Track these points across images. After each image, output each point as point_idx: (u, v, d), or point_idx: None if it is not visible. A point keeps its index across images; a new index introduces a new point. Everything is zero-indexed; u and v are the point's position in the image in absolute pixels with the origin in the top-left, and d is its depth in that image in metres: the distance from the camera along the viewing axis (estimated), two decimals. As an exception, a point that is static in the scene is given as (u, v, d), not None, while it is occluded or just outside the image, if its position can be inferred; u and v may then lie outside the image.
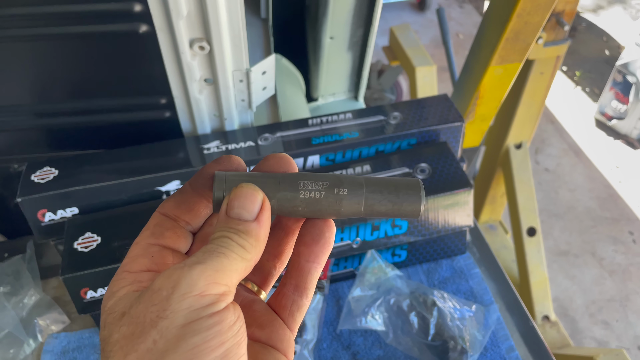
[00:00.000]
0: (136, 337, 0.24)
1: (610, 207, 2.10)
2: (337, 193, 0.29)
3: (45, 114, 0.74)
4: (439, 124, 0.78)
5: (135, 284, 0.28)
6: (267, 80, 0.76)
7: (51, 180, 0.71)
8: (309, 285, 0.31)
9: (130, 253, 0.30)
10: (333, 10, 0.97)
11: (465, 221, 0.75)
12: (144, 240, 0.30)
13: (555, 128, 2.44)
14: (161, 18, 0.60)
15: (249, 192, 0.28)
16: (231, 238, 0.27)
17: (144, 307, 0.24)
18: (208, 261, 0.25)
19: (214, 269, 0.25)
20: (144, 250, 0.30)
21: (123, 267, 0.29)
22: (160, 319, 0.23)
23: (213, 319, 0.24)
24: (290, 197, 0.29)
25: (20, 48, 0.64)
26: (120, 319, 0.25)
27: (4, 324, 0.73)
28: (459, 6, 3.31)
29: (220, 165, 0.31)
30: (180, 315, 0.23)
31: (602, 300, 1.81)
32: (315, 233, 0.31)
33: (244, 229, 0.27)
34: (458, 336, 0.68)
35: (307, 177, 0.30)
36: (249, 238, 0.27)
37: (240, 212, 0.27)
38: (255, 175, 0.30)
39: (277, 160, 0.31)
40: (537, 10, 0.78)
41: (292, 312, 0.31)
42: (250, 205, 0.28)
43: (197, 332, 0.24)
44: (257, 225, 0.27)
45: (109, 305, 0.27)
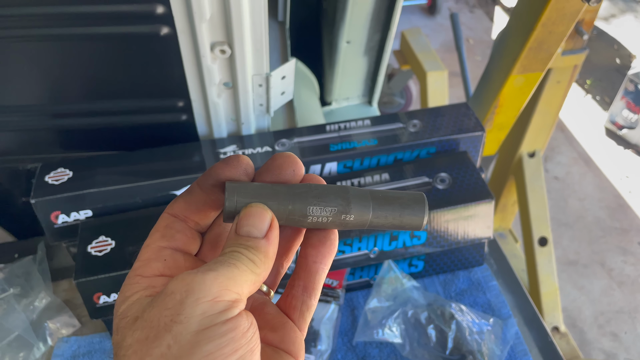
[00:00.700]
0: (150, 342, 0.24)
1: (620, 217, 2.09)
2: (344, 219, 0.30)
3: (60, 114, 0.73)
4: (459, 133, 0.76)
5: (149, 289, 0.28)
6: (286, 85, 0.75)
7: (65, 182, 0.70)
8: (317, 286, 0.32)
9: (142, 256, 0.30)
10: (351, 14, 0.96)
11: (484, 233, 0.73)
12: (154, 243, 0.30)
13: (565, 136, 2.43)
14: (183, 20, 0.59)
15: (258, 211, 0.29)
16: (241, 252, 0.27)
17: (157, 311, 0.24)
18: (220, 269, 0.25)
19: (227, 276, 0.25)
20: (156, 253, 0.30)
21: (135, 271, 0.29)
22: (174, 323, 0.24)
23: (227, 326, 0.24)
24: (297, 221, 0.30)
25: (39, 48, 0.63)
26: (134, 324, 0.25)
27: (14, 326, 0.72)
28: (469, 11, 3.30)
29: (228, 165, 0.31)
30: (194, 320, 0.24)
31: (611, 311, 1.79)
32: (321, 235, 0.31)
33: (254, 244, 0.28)
34: (477, 351, 0.67)
35: (317, 200, 0.30)
36: (258, 254, 0.27)
37: (250, 230, 0.28)
38: (265, 190, 0.30)
39: (284, 160, 0.31)
40: (562, 19, 0.77)
41: (303, 313, 0.32)
42: (260, 223, 0.28)
43: (211, 338, 0.24)
44: (266, 242, 0.28)
45: (121, 309, 0.27)
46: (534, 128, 1.28)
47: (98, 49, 0.65)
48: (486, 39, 3.05)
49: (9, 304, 0.74)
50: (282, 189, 0.30)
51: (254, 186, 0.30)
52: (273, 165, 0.31)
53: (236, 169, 0.31)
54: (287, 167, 0.31)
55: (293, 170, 0.31)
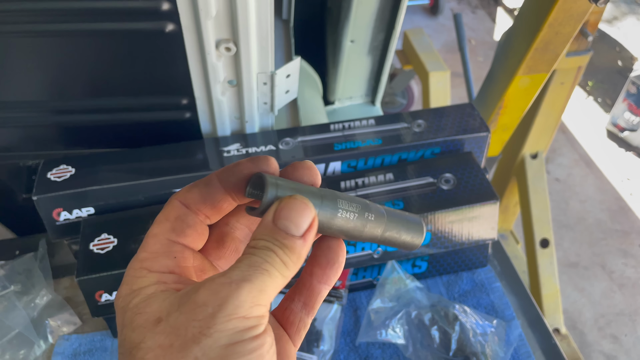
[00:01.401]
0: (176, 351, 0.23)
1: (621, 219, 2.08)
2: (367, 217, 0.30)
3: (63, 111, 0.73)
4: (463, 133, 0.76)
5: (162, 284, 0.27)
6: (290, 83, 0.74)
7: (68, 179, 0.69)
8: (316, 305, 0.31)
9: (149, 247, 0.28)
10: (355, 13, 0.96)
11: (489, 234, 0.73)
12: (163, 234, 0.29)
13: (567, 138, 2.42)
14: (189, 17, 0.59)
15: (302, 206, 0.27)
16: (276, 252, 0.26)
17: (185, 319, 0.23)
18: (254, 279, 0.24)
19: (259, 289, 0.24)
20: (165, 247, 0.28)
21: (141, 263, 0.27)
22: (204, 336, 0.23)
23: (255, 343, 0.24)
24: (330, 216, 0.29)
25: (42, 43, 0.63)
26: (156, 325, 0.24)
27: (14, 323, 0.71)
28: (471, 12, 3.29)
29: (255, 165, 0.29)
30: (224, 335, 0.23)
31: (611, 313, 1.79)
32: (330, 256, 0.30)
33: (290, 244, 0.26)
34: (480, 352, 0.66)
35: (343, 196, 0.30)
36: (292, 255, 0.26)
37: (289, 226, 0.26)
38: (300, 187, 0.29)
39: (306, 171, 0.30)
40: (569, 20, 0.76)
41: (299, 330, 0.31)
42: (301, 220, 0.26)
43: (240, 354, 0.23)
44: (303, 243, 0.26)
45: (134, 302, 0.26)
46: (537, 129, 1.28)
47: (102, 45, 0.64)
48: (488, 39, 3.05)
49: (9, 301, 0.73)
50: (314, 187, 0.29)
51: (291, 182, 0.29)
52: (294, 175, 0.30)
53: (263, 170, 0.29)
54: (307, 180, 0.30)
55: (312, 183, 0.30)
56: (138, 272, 0.27)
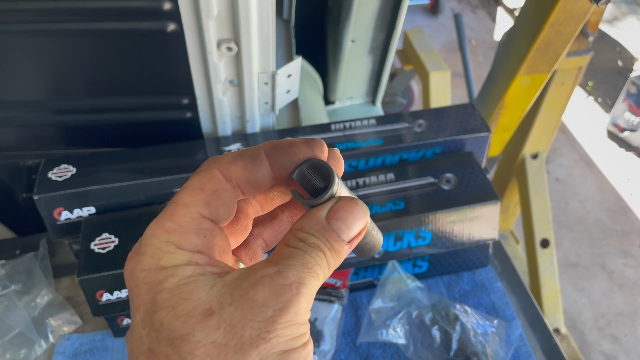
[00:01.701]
0: (232, 352, 0.22)
1: (620, 219, 2.08)
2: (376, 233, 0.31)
3: (64, 110, 0.73)
4: (464, 133, 0.76)
5: (195, 266, 0.24)
6: (291, 83, 0.74)
7: (69, 179, 0.69)
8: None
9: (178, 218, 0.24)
10: (356, 13, 0.96)
11: (490, 234, 0.73)
12: (195, 206, 0.25)
13: (567, 138, 2.42)
14: (190, 17, 0.59)
15: (360, 212, 0.26)
16: (325, 254, 0.25)
17: (243, 317, 0.22)
18: (309, 283, 0.24)
19: (312, 294, 0.24)
20: (195, 223, 0.25)
21: (168, 235, 0.24)
22: (262, 340, 0.22)
23: (306, 350, 0.24)
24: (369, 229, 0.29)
25: (44, 43, 0.63)
26: (208, 317, 0.22)
27: (15, 323, 0.71)
28: (471, 12, 3.29)
29: (311, 148, 0.26)
30: (282, 341, 0.23)
31: (611, 314, 1.79)
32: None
33: (338, 248, 0.25)
34: (481, 352, 0.67)
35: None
36: (336, 259, 0.25)
37: (342, 228, 0.25)
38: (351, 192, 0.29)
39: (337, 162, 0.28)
40: (570, 21, 0.76)
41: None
42: (355, 225, 0.26)
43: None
44: (348, 249, 0.26)
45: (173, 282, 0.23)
46: (537, 129, 1.28)
47: (103, 44, 0.64)
48: (488, 39, 3.05)
49: (10, 301, 0.73)
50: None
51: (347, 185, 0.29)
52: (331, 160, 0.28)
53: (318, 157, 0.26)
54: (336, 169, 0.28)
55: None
56: (165, 245, 0.24)
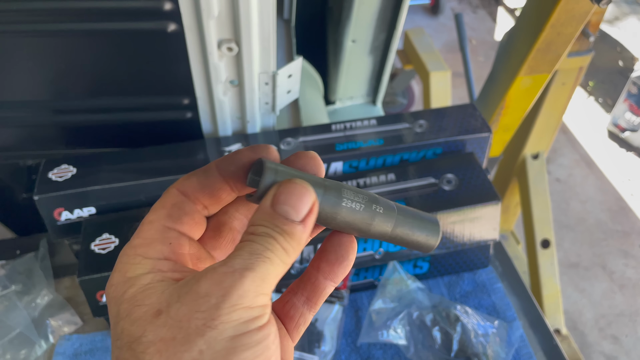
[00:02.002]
0: (179, 344, 0.22)
1: (621, 220, 2.08)
2: (374, 209, 0.29)
3: (65, 110, 0.73)
4: (465, 133, 0.76)
5: (157, 272, 0.25)
6: (292, 83, 0.74)
7: (69, 179, 0.69)
8: (320, 301, 0.30)
9: (144, 233, 0.27)
10: (357, 13, 0.96)
11: (490, 235, 0.73)
12: (159, 220, 0.27)
13: (568, 138, 2.42)
14: (191, 17, 0.59)
15: (302, 190, 0.26)
16: (276, 239, 0.25)
17: (187, 310, 0.23)
18: (257, 267, 0.23)
19: (262, 277, 0.23)
20: (160, 234, 0.27)
21: (135, 249, 0.26)
22: (208, 328, 0.22)
23: (261, 333, 0.23)
24: (333, 203, 0.27)
25: (44, 43, 0.63)
26: (156, 317, 0.23)
27: (15, 323, 0.71)
28: (472, 11, 3.29)
29: (255, 153, 0.28)
30: (229, 326, 0.22)
31: (612, 314, 1.79)
32: (340, 253, 0.29)
33: (290, 230, 0.25)
34: (481, 353, 0.66)
35: (348, 187, 0.29)
36: (292, 241, 0.25)
37: (288, 210, 0.25)
38: (302, 173, 0.28)
39: (309, 160, 0.29)
40: (571, 21, 0.76)
41: (299, 325, 0.30)
42: (301, 205, 0.25)
43: (247, 346, 0.23)
44: (303, 228, 0.25)
45: (131, 293, 0.24)
46: (538, 130, 1.28)
47: (104, 45, 0.64)
48: (489, 39, 3.05)
49: (10, 301, 0.73)
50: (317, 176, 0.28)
51: (292, 169, 0.28)
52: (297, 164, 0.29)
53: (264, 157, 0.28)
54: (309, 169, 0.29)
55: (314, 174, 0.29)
56: (132, 258, 0.26)
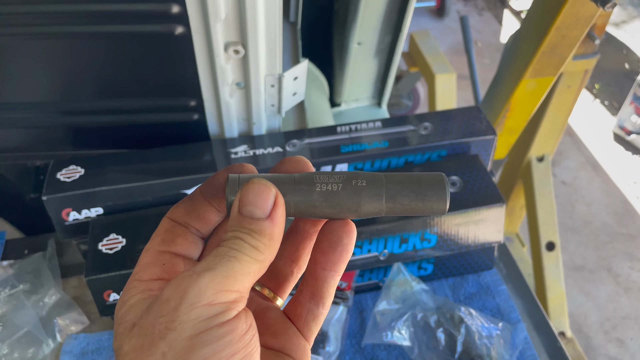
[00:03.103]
0: (145, 350, 0.23)
1: (627, 223, 2.07)
2: (356, 184, 0.27)
3: (72, 112, 0.73)
4: (470, 136, 0.76)
5: (146, 292, 0.27)
6: (298, 86, 0.75)
7: (77, 179, 0.70)
8: (325, 294, 0.30)
9: (141, 261, 0.29)
10: (363, 15, 0.96)
11: (495, 237, 0.73)
12: (154, 247, 0.29)
13: (573, 141, 2.42)
14: (198, 20, 0.59)
15: (260, 187, 0.26)
16: (243, 239, 0.25)
17: (152, 317, 0.24)
18: (218, 267, 0.24)
19: (224, 275, 0.24)
20: (154, 258, 0.29)
21: (134, 276, 0.28)
22: (169, 330, 0.23)
23: (223, 329, 0.23)
24: (306, 191, 0.27)
25: (53, 45, 0.64)
26: (131, 330, 0.25)
27: (23, 322, 0.72)
28: (477, 14, 3.29)
29: (228, 171, 0.30)
30: (188, 326, 0.23)
31: (617, 317, 1.78)
32: (332, 240, 0.29)
33: (257, 228, 0.26)
34: (486, 355, 0.67)
35: (323, 172, 0.28)
36: (262, 238, 0.26)
37: (252, 210, 0.26)
38: (269, 175, 0.28)
39: (295, 164, 0.30)
40: (576, 24, 0.76)
41: (308, 322, 0.30)
42: (262, 202, 0.26)
43: (206, 343, 0.23)
44: (271, 223, 0.26)
45: (120, 314, 0.26)
46: (543, 132, 1.28)
47: (112, 47, 0.65)
48: (494, 42, 3.05)
49: (18, 300, 0.74)
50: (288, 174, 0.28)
51: (256, 175, 0.28)
52: (283, 170, 0.30)
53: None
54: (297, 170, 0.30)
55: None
56: (130, 284, 0.27)
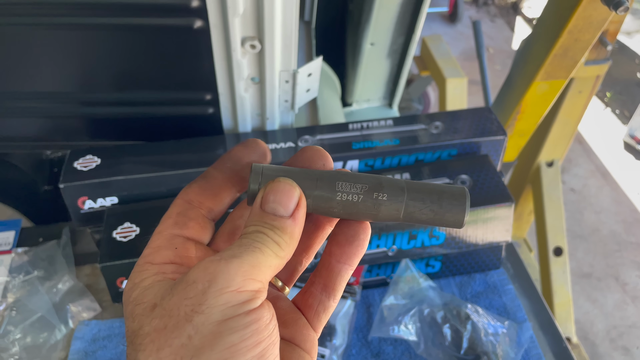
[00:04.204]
0: (169, 331, 0.23)
1: (636, 231, 2.07)
2: (376, 198, 0.28)
3: (90, 102, 0.75)
4: (480, 136, 0.77)
5: (160, 274, 0.27)
6: (311, 82, 0.76)
7: (93, 169, 0.72)
8: (337, 287, 0.30)
9: (152, 243, 0.29)
10: (376, 16, 0.97)
11: (503, 236, 0.74)
12: (166, 230, 0.30)
13: (583, 148, 2.41)
14: (217, 15, 0.61)
15: (286, 187, 0.27)
16: (266, 234, 0.26)
17: (177, 299, 0.24)
18: (244, 255, 0.24)
19: (251, 264, 0.24)
20: (167, 241, 0.29)
21: (145, 258, 0.28)
22: (196, 313, 0.23)
23: (251, 317, 0.23)
24: (326, 198, 0.28)
25: (72, 36, 0.65)
26: (152, 311, 0.24)
27: (37, 307, 0.74)
28: (490, 20, 3.30)
29: (247, 148, 0.30)
30: (216, 311, 0.23)
31: (624, 325, 1.78)
32: (349, 234, 0.29)
33: (279, 225, 0.26)
34: (491, 352, 0.67)
35: (346, 177, 0.28)
36: (283, 235, 0.26)
37: (276, 207, 0.27)
38: (292, 170, 0.29)
39: (314, 153, 0.30)
40: (589, 27, 0.77)
41: (318, 313, 0.30)
42: (287, 200, 0.27)
43: (234, 329, 0.23)
44: (292, 222, 0.27)
45: (134, 295, 0.26)
46: (553, 137, 1.28)
47: (131, 39, 0.66)
48: (506, 48, 3.05)
49: (33, 286, 0.76)
50: (310, 170, 0.29)
51: (280, 168, 0.28)
52: (303, 157, 0.30)
53: (255, 151, 0.30)
54: (317, 160, 0.30)
55: (323, 165, 0.30)
56: (141, 267, 0.28)
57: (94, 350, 0.72)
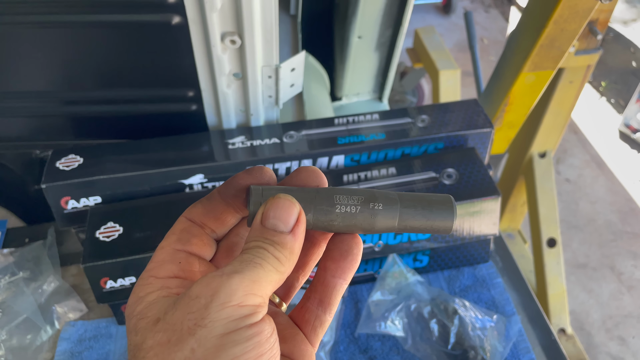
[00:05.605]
0: (173, 345, 0.24)
1: (631, 221, 2.07)
2: (373, 208, 0.29)
3: (72, 101, 0.74)
4: (467, 129, 0.76)
5: (164, 289, 0.27)
6: (295, 77, 0.75)
7: (76, 168, 0.71)
8: (333, 301, 0.31)
9: (156, 258, 0.29)
10: (363, 9, 0.96)
11: (490, 229, 0.73)
12: (170, 245, 0.30)
13: (578, 138, 2.41)
14: (195, 10, 0.60)
15: (286, 203, 0.28)
16: (266, 249, 0.26)
17: (180, 314, 0.24)
18: (246, 271, 0.25)
19: (252, 279, 0.25)
20: (170, 256, 0.29)
21: (149, 272, 0.29)
22: (199, 327, 0.23)
23: (252, 330, 0.24)
24: (326, 211, 0.29)
25: (52, 35, 0.64)
26: (155, 325, 0.25)
27: (22, 309, 0.73)
28: (484, 11, 3.28)
29: (251, 176, 0.31)
30: (219, 324, 0.23)
31: (619, 315, 1.78)
32: (343, 249, 0.30)
33: (279, 240, 0.27)
34: (479, 346, 0.67)
35: (342, 191, 0.30)
36: (283, 250, 0.27)
37: (276, 224, 0.27)
38: (290, 189, 0.30)
39: (309, 174, 0.31)
40: (574, 17, 0.76)
41: (315, 328, 0.31)
42: (287, 216, 0.27)
43: (236, 342, 0.23)
44: (292, 237, 0.27)
45: (138, 309, 0.26)
46: (545, 128, 1.28)
47: (110, 37, 0.66)
48: (501, 39, 3.03)
49: (18, 287, 0.75)
50: (307, 188, 0.30)
51: (279, 188, 0.29)
52: (297, 178, 0.31)
53: (258, 180, 0.31)
54: (311, 181, 0.31)
55: (317, 185, 0.31)
56: (144, 280, 0.28)
57: (80, 351, 0.71)
